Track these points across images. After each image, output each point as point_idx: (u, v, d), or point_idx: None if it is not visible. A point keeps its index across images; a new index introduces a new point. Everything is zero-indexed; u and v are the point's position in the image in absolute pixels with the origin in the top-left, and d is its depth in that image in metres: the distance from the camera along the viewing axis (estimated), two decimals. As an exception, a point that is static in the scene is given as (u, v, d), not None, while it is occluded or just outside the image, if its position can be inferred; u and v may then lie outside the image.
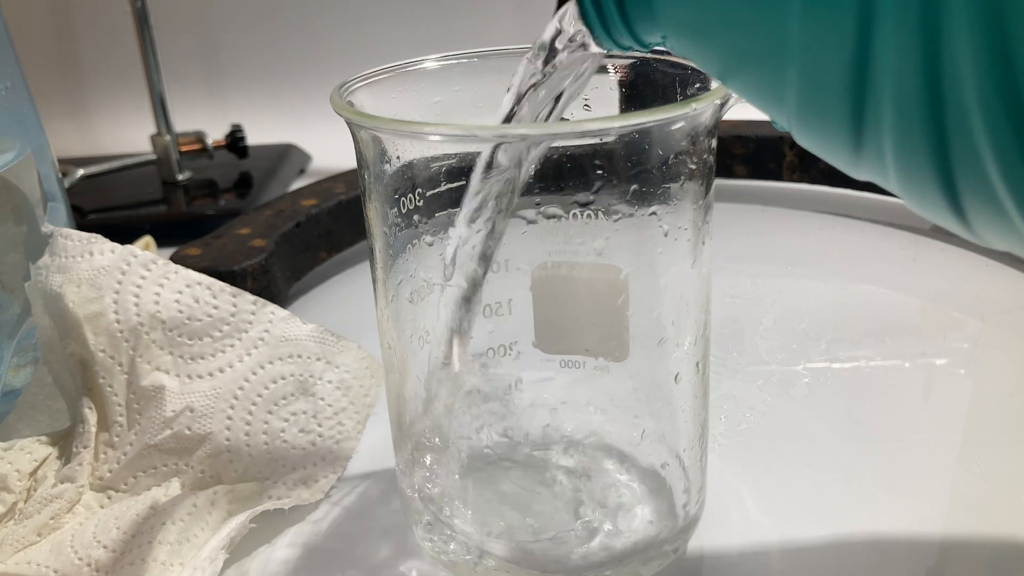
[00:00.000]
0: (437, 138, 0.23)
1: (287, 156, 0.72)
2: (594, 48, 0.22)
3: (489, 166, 0.23)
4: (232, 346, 0.31)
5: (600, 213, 0.25)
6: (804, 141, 0.17)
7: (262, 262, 0.44)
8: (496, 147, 0.23)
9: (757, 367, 0.39)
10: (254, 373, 0.31)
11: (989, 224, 0.16)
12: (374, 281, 0.26)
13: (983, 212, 0.15)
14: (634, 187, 0.25)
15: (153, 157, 0.67)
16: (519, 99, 0.23)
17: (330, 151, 0.72)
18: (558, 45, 0.23)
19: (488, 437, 0.25)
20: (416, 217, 0.25)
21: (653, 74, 0.26)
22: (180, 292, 0.31)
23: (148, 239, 0.49)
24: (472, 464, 0.25)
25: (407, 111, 0.26)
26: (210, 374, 0.31)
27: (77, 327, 0.31)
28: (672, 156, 0.23)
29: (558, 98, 0.24)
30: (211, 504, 0.29)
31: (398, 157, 0.24)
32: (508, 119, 0.23)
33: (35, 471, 0.31)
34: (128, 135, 0.82)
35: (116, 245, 0.32)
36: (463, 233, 0.23)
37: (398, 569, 0.28)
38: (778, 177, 0.58)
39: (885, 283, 0.47)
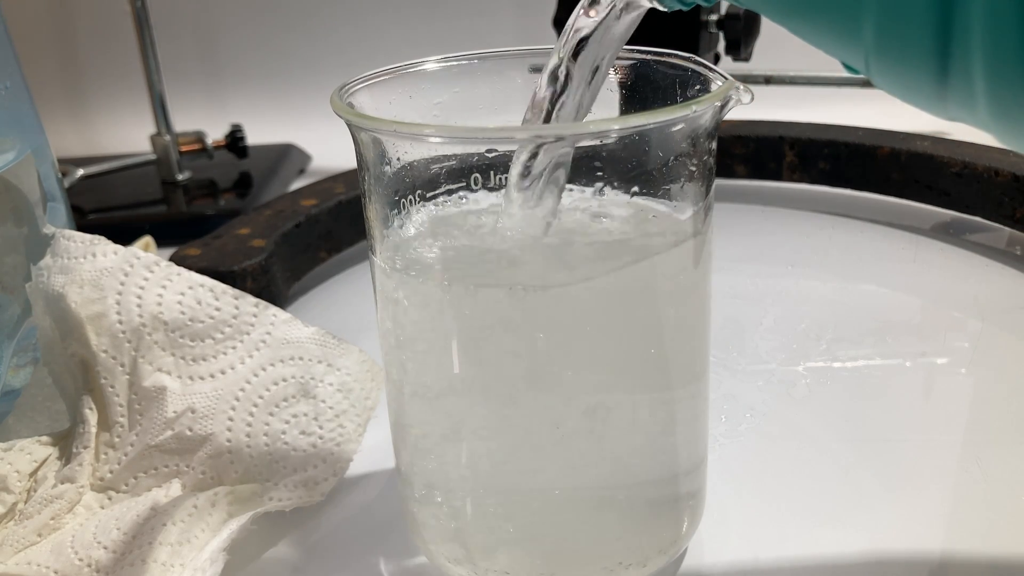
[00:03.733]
0: (437, 140, 0.23)
1: (287, 156, 0.72)
2: (646, 4, 0.22)
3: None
4: (234, 348, 0.31)
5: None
6: (883, 79, 0.16)
7: (262, 262, 0.44)
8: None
9: (757, 367, 0.39)
10: (255, 375, 0.31)
11: None
12: (374, 283, 0.26)
13: None
14: (634, 188, 0.25)
15: (153, 157, 0.67)
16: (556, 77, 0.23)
17: (330, 151, 0.72)
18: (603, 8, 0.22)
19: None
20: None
21: (653, 75, 0.26)
22: (183, 294, 0.31)
23: (148, 239, 0.49)
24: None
25: (407, 113, 0.26)
26: (212, 375, 0.31)
27: (79, 328, 0.31)
28: (672, 158, 0.23)
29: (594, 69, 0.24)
30: (212, 505, 0.29)
31: (398, 159, 0.24)
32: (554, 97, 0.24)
33: (35, 472, 0.31)
34: (128, 135, 0.82)
35: (119, 247, 0.32)
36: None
37: (399, 569, 0.28)
38: (778, 177, 0.58)
39: (885, 283, 0.47)
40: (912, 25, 0.15)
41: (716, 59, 0.59)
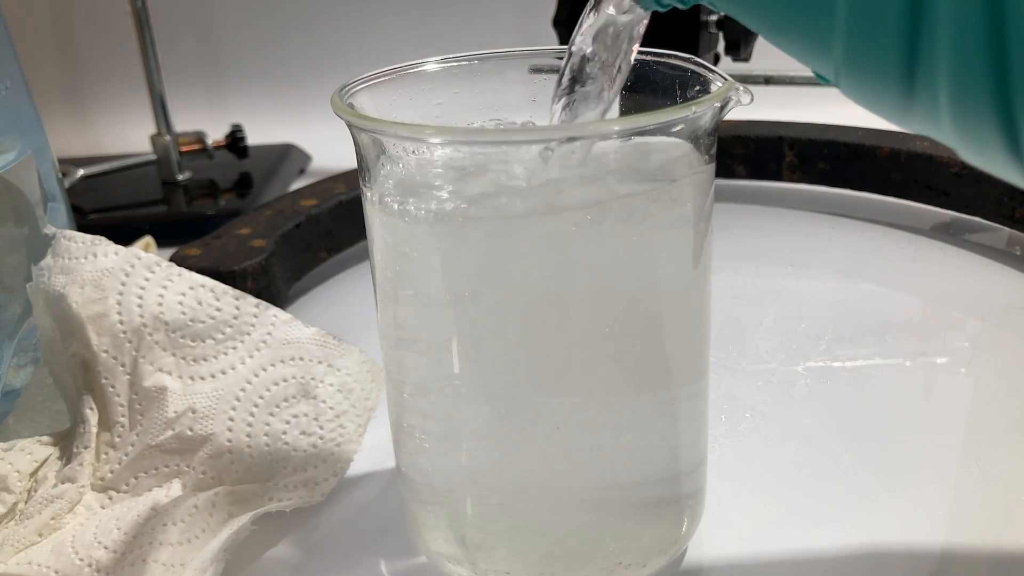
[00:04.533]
0: (437, 141, 0.23)
1: (287, 156, 0.72)
2: (637, 12, 0.22)
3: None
4: (234, 348, 0.31)
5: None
6: (851, 91, 0.17)
7: (262, 262, 0.44)
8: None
9: (757, 367, 0.39)
10: (256, 375, 0.31)
11: None
12: (374, 282, 0.26)
13: None
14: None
15: (153, 157, 0.67)
16: (572, 83, 0.24)
17: (330, 151, 0.72)
18: (603, 15, 0.23)
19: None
20: (417, 219, 0.25)
21: (653, 76, 0.26)
22: (183, 294, 0.31)
23: (148, 239, 0.49)
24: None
25: (408, 113, 0.26)
26: (212, 376, 0.31)
27: (80, 328, 0.31)
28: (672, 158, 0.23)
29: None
30: (212, 505, 0.29)
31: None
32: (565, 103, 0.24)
33: (35, 471, 0.31)
34: (128, 135, 0.82)
35: (120, 247, 0.32)
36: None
37: (399, 569, 0.28)
38: (778, 177, 0.58)
39: (885, 283, 0.47)
40: (880, 42, 0.15)
41: (716, 59, 0.59)
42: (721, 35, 0.57)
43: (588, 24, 0.23)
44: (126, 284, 0.31)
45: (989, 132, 0.15)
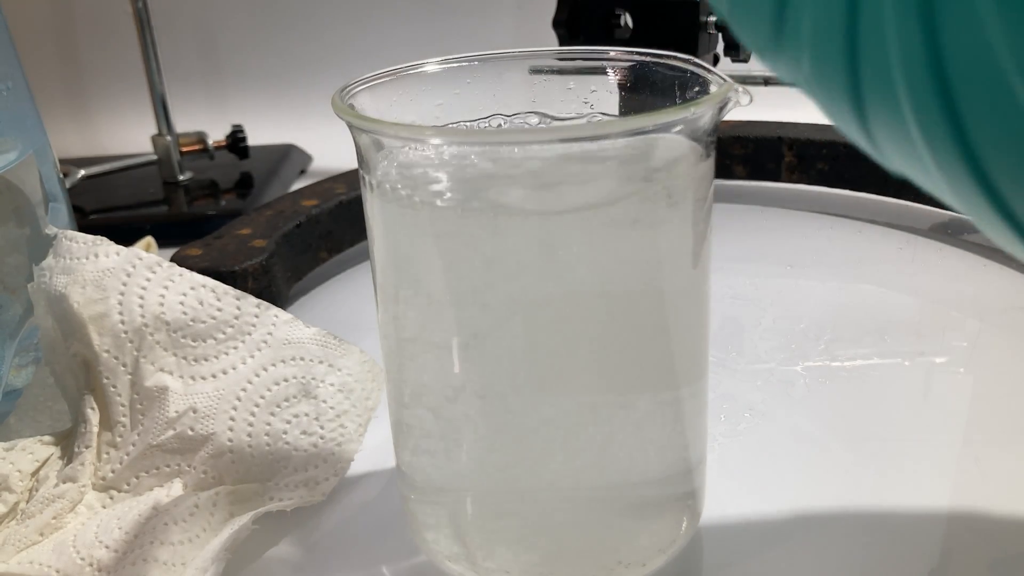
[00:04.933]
0: (438, 142, 0.23)
1: (288, 156, 0.72)
2: None
3: None
4: (235, 348, 0.31)
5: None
6: (737, 34, 0.18)
7: (263, 262, 0.44)
8: None
9: (756, 367, 0.39)
10: (257, 375, 0.31)
11: (891, 141, 0.16)
12: (375, 282, 0.26)
13: (887, 127, 0.16)
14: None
15: (154, 157, 0.67)
16: None
17: (331, 151, 0.72)
18: None
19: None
20: (417, 219, 0.25)
21: (653, 77, 0.26)
22: (185, 294, 0.31)
23: (149, 239, 0.49)
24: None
25: (408, 114, 0.26)
26: (213, 376, 0.31)
27: (81, 328, 0.31)
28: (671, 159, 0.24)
29: None
30: (213, 505, 0.29)
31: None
32: None
33: (37, 471, 0.31)
34: (129, 135, 0.82)
35: (121, 247, 0.32)
36: None
37: (399, 569, 0.29)
38: (777, 178, 0.58)
39: (884, 283, 0.47)
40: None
41: (715, 60, 0.59)
42: (720, 36, 0.57)
43: None
44: (127, 284, 0.31)
45: (840, 101, 0.16)
